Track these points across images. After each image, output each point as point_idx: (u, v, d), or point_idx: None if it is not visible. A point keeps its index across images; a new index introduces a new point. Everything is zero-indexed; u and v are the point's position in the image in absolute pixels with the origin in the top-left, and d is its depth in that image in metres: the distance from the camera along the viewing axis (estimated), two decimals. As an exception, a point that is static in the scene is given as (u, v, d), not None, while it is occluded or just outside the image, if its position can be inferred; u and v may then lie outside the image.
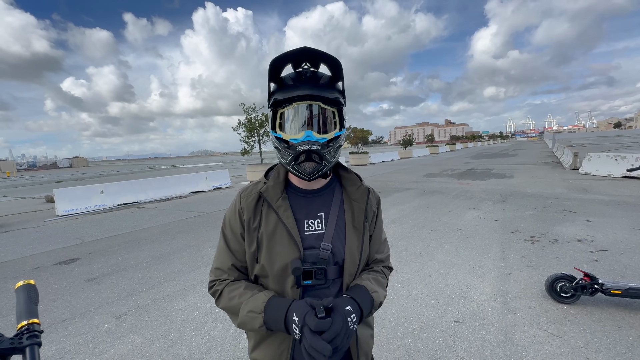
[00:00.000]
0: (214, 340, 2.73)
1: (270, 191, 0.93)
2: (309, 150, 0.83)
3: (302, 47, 0.82)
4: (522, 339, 2.52)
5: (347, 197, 1.00)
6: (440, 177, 13.72)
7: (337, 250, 0.93)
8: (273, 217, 0.92)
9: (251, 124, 16.29)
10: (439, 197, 8.83)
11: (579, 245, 4.50)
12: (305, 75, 0.87)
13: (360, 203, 0.98)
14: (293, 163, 0.87)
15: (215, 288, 0.96)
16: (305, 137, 0.84)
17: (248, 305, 0.86)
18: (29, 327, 0.63)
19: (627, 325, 2.60)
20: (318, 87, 0.85)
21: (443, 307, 3.06)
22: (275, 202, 0.92)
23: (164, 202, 11.17)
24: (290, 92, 0.84)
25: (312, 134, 0.84)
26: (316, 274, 0.88)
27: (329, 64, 0.87)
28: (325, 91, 0.86)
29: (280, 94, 0.86)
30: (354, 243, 0.95)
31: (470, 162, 21.07)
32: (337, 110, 0.89)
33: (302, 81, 0.86)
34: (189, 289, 3.79)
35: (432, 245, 4.79)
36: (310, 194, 0.96)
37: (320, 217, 0.95)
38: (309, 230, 0.93)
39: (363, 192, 0.99)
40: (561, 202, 7.26)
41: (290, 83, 0.86)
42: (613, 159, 11.25)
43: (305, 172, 0.87)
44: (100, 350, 2.68)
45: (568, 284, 2.96)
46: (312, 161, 0.85)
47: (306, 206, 0.95)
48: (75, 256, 5.37)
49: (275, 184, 0.95)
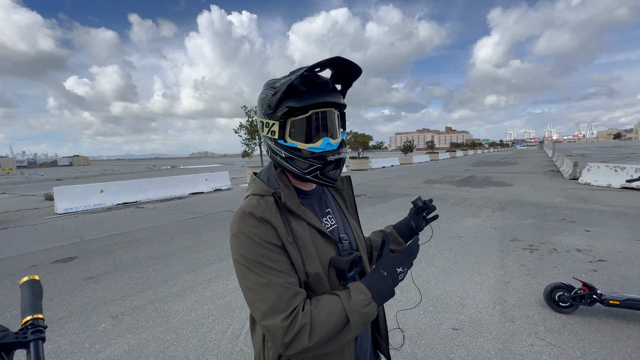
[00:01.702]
0: (210, 343, 2.71)
1: (289, 199, 0.88)
2: (339, 159, 0.87)
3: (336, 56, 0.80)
4: (520, 348, 2.51)
5: (333, 189, 1.06)
6: (440, 183, 13.73)
7: (351, 238, 0.98)
8: (302, 224, 0.86)
9: (252, 126, 16.33)
10: (438, 203, 8.83)
11: (577, 255, 4.50)
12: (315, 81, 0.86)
13: (347, 190, 1.07)
14: (317, 172, 0.85)
15: (299, 324, 0.71)
16: (326, 145, 0.85)
17: (356, 305, 0.75)
18: (34, 322, 0.63)
19: (625, 336, 2.60)
20: (330, 93, 0.86)
21: (441, 314, 3.06)
22: (298, 209, 0.88)
23: (164, 202, 11.16)
24: (307, 99, 0.82)
25: (330, 141, 0.85)
26: (356, 263, 0.90)
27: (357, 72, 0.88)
28: (337, 96, 0.87)
29: (293, 102, 0.82)
30: (356, 228, 1.02)
31: (470, 170, 21.09)
32: (341, 113, 0.93)
33: (315, 87, 0.85)
34: (187, 290, 3.78)
35: (431, 252, 4.79)
36: (309, 194, 0.97)
37: (329, 212, 0.98)
38: (327, 226, 0.94)
39: (347, 180, 1.08)
40: (560, 212, 7.27)
41: (302, 89, 0.83)
42: (612, 169, 11.27)
43: (332, 179, 0.89)
44: (96, 350, 2.67)
45: (567, 293, 2.96)
46: (339, 168, 0.89)
47: (316, 205, 0.96)
48: (73, 255, 5.35)
49: (290, 191, 0.90)
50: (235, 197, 11.70)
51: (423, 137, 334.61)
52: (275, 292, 0.74)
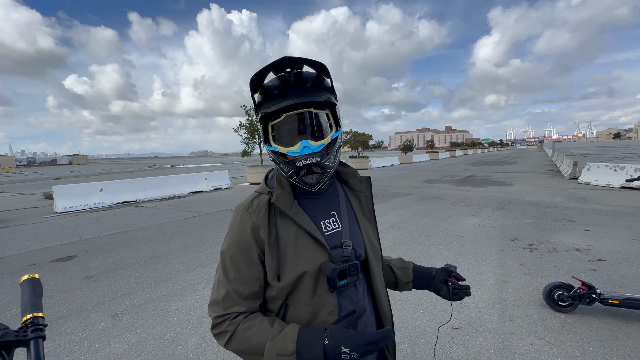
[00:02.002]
0: (210, 342, 2.71)
1: (282, 199, 0.86)
2: (308, 164, 0.81)
3: (283, 57, 0.78)
4: (519, 347, 2.52)
5: (349, 190, 0.99)
6: (439, 183, 13.74)
7: (357, 243, 0.92)
8: (291, 226, 0.85)
9: (252, 125, 16.32)
10: (438, 203, 8.84)
11: (577, 254, 4.50)
12: (290, 81, 0.81)
13: (366, 192, 0.99)
14: (295, 177, 0.84)
15: (224, 328, 0.81)
16: (303, 148, 0.80)
17: (275, 347, 0.75)
18: (34, 321, 0.63)
19: (624, 336, 2.61)
20: (306, 92, 0.80)
21: (441, 313, 3.06)
22: (290, 210, 0.85)
23: (163, 201, 11.16)
24: (278, 103, 0.79)
25: (309, 142, 0.80)
26: (350, 271, 0.86)
27: (314, 68, 0.83)
28: (315, 95, 0.80)
29: (267, 106, 0.81)
30: (370, 233, 0.97)
31: (469, 169, 21.10)
32: (330, 111, 0.85)
33: (288, 88, 0.80)
34: (187, 289, 3.78)
35: (431, 251, 4.80)
36: (316, 195, 0.93)
37: (334, 215, 0.93)
38: (327, 230, 0.90)
39: (365, 181, 1.00)
40: (560, 211, 7.28)
41: (275, 93, 0.80)
42: (612, 169, 11.29)
43: (310, 185, 0.85)
44: (95, 348, 2.67)
45: (566, 292, 2.97)
46: (314, 173, 0.83)
47: (318, 207, 0.92)
48: (72, 253, 5.35)
49: (284, 191, 0.88)
50: (235, 196, 11.70)
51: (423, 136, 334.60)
52: (222, 292, 0.84)
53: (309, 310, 0.86)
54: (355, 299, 0.90)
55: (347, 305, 0.88)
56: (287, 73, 0.83)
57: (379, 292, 0.97)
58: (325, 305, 0.86)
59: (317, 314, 0.86)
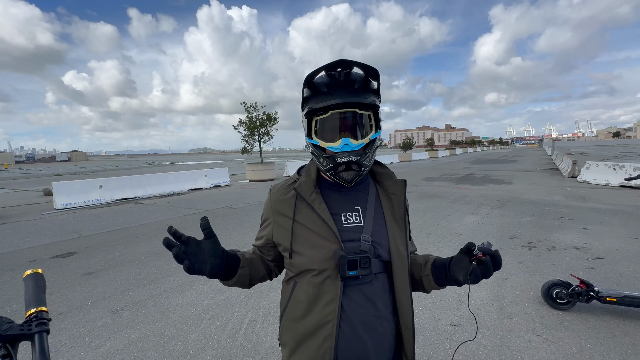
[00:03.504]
0: (210, 338, 2.73)
1: (304, 186, 0.94)
2: (348, 162, 0.85)
3: (340, 59, 0.83)
4: (517, 344, 2.54)
5: (383, 191, 1.00)
6: (439, 181, 13.76)
7: (379, 243, 0.91)
8: (308, 211, 0.92)
9: (252, 122, 16.28)
10: (437, 201, 8.85)
11: (575, 252, 4.52)
12: (339, 81, 0.85)
13: (399, 195, 0.98)
14: (332, 171, 0.88)
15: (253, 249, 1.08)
16: (343, 146, 0.85)
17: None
18: (38, 315, 0.64)
19: (622, 333, 2.62)
20: (354, 92, 0.84)
21: (439, 310, 3.08)
22: (309, 197, 0.92)
23: (163, 198, 11.16)
24: (326, 100, 0.84)
25: (350, 141, 0.85)
26: (361, 263, 0.86)
27: (366, 71, 0.87)
28: (361, 96, 0.85)
29: (314, 102, 0.86)
30: (397, 235, 0.94)
31: (469, 167, 21.12)
32: (373, 113, 0.89)
33: (337, 87, 0.85)
34: (186, 285, 3.79)
35: (430, 249, 4.81)
36: (345, 189, 0.96)
37: (358, 210, 0.94)
38: (347, 222, 0.92)
39: (400, 185, 0.99)
40: (559, 210, 7.30)
41: (324, 90, 0.85)
42: (611, 168, 11.31)
43: (346, 181, 0.89)
44: (96, 344, 2.68)
45: (564, 290, 2.98)
46: (352, 170, 0.87)
47: (342, 200, 0.95)
48: (72, 250, 5.36)
49: (308, 179, 0.95)
50: (234, 194, 11.70)
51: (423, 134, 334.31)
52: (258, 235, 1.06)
53: (313, 292, 0.89)
54: (370, 295, 0.89)
55: (357, 299, 0.88)
56: (338, 72, 0.87)
57: (401, 299, 0.94)
58: (327, 292, 0.88)
59: (319, 299, 0.88)
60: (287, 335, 0.95)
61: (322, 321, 0.87)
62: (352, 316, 0.88)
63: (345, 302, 0.88)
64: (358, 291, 0.89)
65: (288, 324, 0.95)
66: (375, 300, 0.90)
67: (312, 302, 0.89)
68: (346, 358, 0.87)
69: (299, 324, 0.91)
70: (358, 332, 0.87)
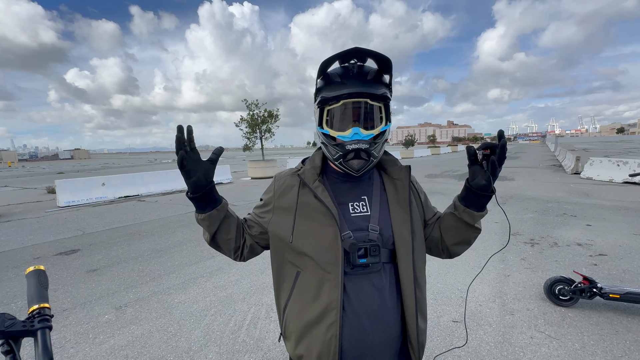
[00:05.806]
0: (213, 334, 2.75)
1: (307, 174, 0.96)
2: (357, 149, 0.86)
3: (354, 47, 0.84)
4: (520, 340, 2.53)
5: (387, 177, 1.01)
6: (441, 177, 13.72)
7: (386, 232, 0.92)
8: (310, 197, 0.93)
9: (253, 120, 16.27)
10: (439, 197, 8.83)
11: (578, 249, 4.51)
12: (352, 72, 0.87)
13: (404, 180, 0.99)
14: (341, 160, 0.89)
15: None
16: (353, 135, 0.86)
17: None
18: (40, 311, 0.64)
19: (625, 329, 2.62)
20: (366, 83, 0.86)
21: (442, 307, 3.08)
22: (312, 184, 0.93)
23: (165, 195, 11.19)
24: (338, 89, 0.85)
25: (360, 130, 0.86)
26: (371, 251, 0.87)
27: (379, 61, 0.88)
28: (373, 87, 0.86)
29: (327, 91, 0.87)
30: (400, 219, 0.93)
31: (471, 164, 21.02)
32: (384, 105, 0.90)
33: (350, 78, 0.86)
34: (189, 282, 3.81)
35: (432, 246, 4.81)
36: (351, 179, 0.97)
37: (364, 199, 0.96)
38: (354, 212, 0.93)
39: (405, 170, 1.00)
40: (562, 206, 7.26)
41: (337, 80, 0.87)
42: (615, 164, 11.23)
43: (354, 169, 0.90)
44: (100, 340, 2.70)
45: (567, 287, 2.97)
46: (360, 159, 0.88)
47: (349, 190, 0.96)
48: (76, 247, 5.39)
49: (312, 167, 0.98)
50: (236, 191, 11.72)
51: (425, 131, 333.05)
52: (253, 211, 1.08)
53: (316, 278, 0.89)
54: (378, 286, 0.90)
55: (367, 288, 0.89)
56: (351, 64, 0.88)
57: (405, 285, 0.92)
58: (329, 279, 0.88)
59: (321, 286, 0.89)
60: (292, 327, 0.95)
61: (326, 308, 0.88)
62: (359, 305, 0.88)
63: (353, 291, 0.88)
64: (367, 280, 0.89)
65: (292, 314, 0.95)
66: (384, 290, 0.91)
67: (316, 290, 0.89)
68: (352, 347, 0.88)
69: (304, 313, 0.92)
70: (363, 321, 0.88)
